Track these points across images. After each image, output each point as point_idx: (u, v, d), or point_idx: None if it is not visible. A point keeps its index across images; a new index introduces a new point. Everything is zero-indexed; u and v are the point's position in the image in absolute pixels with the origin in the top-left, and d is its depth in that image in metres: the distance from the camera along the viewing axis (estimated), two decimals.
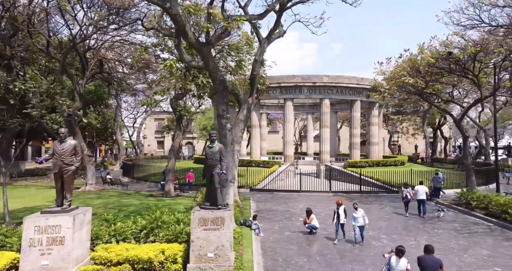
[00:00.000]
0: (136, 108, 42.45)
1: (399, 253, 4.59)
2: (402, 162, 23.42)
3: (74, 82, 17.16)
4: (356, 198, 14.28)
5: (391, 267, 4.59)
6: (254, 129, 23.97)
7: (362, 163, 21.53)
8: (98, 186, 16.12)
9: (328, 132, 23.25)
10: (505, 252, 7.20)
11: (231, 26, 7.43)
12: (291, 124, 23.36)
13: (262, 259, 6.47)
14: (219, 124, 8.01)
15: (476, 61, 11.41)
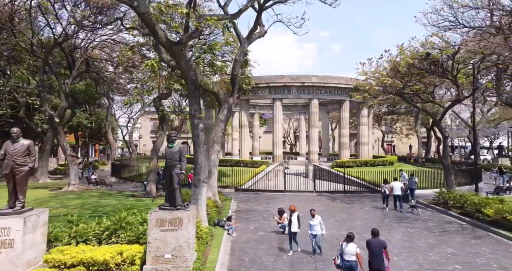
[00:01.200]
0: (130, 108, 42.25)
1: (348, 239, 5.20)
2: (391, 162, 23.57)
3: (59, 82, 17.03)
4: (338, 198, 14.39)
5: (343, 252, 5.14)
6: (243, 129, 23.97)
7: (350, 163, 21.65)
8: (82, 186, 16.01)
9: (317, 132, 23.36)
10: (470, 250, 7.31)
11: (202, 25, 7.40)
12: (280, 124, 23.41)
13: (228, 259, 6.49)
14: (191, 125, 8.01)
15: (455, 62, 11.54)
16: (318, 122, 23.61)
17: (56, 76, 17.80)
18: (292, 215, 7.11)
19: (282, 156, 23.32)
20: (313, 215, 7.09)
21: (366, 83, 12.91)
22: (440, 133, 13.67)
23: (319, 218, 7.01)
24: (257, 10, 10.88)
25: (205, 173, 8.17)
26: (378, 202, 13.13)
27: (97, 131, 40.25)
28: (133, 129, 45.50)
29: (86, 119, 31.36)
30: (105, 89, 23.42)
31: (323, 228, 6.95)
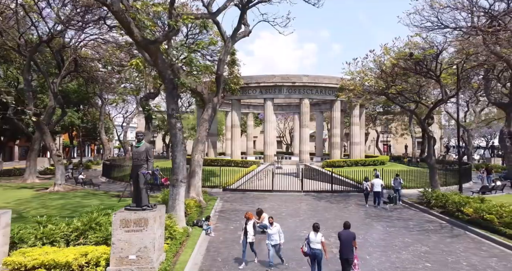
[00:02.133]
0: (125, 108, 42.07)
1: (315, 229, 5.67)
2: (382, 162, 23.66)
3: (48, 81, 16.89)
4: (325, 198, 14.43)
5: (310, 241, 5.60)
6: (234, 129, 23.94)
7: (340, 163, 21.72)
8: (69, 186, 15.92)
9: (308, 132, 23.39)
10: (444, 248, 7.37)
11: (178, 24, 7.37)
12: (271, 124, 23.41)
13: (201, 259, 6.49)
14: (169, 124, 7.99)
15: (438, 62, 11.60)
16: (309, 122, 23.62)
17: (44, 75, 17.65)
18: (247, 223, 6.37)
19: (273, 156, 23.33)
20: (272, 222, 6.42)
21: (350, 83, 12.96)
22: (426, 133, 13.73)
23: (278, 226, 6.39)
24: (241, 9, 10.87)
25: (184, 173, 8.15)
26: (363, 201, 13.21)
27: (92, 131, 40.04)
28: (127, 129, 45.33)
29: (79, 119, 31.16)
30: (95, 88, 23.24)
31: (282, 237, 6.32)
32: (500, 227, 8.05)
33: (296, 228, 9.03)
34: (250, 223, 6.40)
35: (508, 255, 6.99)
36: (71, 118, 29.90)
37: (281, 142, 51.59)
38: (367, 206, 12.06)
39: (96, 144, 52.42)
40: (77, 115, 30.76)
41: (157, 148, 55.50)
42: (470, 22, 9.73)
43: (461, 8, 9.39)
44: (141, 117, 58.52)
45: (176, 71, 10.56)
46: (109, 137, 47.54)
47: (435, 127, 42.82)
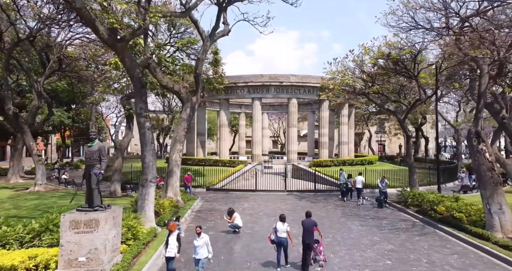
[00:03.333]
0: (118, 107, 41.85)
1: (282, 220, 6.29)
2: (371, 161, 23.77)
3: (31, 80, 16.70)
4: (307, 197, 14.46)
5: (277, 230, 6.16)
6: (222, 129, 23.88)
7: (327, 162, 21.78)
8: (51, 186, 15.77)
9: (296, 132, 23.41)
10: (410, 246, 7.42)
11: (146, 22, 7.31)
12: (259, 123, 23.38)
13: (163, 260, 6.42)
14: (137, 123, 7.93)
15: (415, 62, 11.66)
16: (303, 122, 23.66)
17: (27, 74, 17.44)
18: (170, 235, 5.43)
19: (261, 155, 23.31)
20: (199, 233, 5.52)
21: (330, 83, 12.98)
22: (404, 133, 13.82)
23: (206, 238, 5.53)
24: (218, 8, 10.83)
25: (153, 173, 8.10)
26: (343, 201, 13.27)
27: (86, 131, 39.66)
28: (119, 129, 45.02)
29: (69, 119, 30.87)
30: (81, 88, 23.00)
31: (210, 250, 5.52)
32: (467, 225, 8.12)
33: (270, 228, 9.00)
34: (173, 235, 5.42)
35: (469, 252, 7.06)
36: (61, 118, 29.59)
37: (276, 142, 51.64)
38: (345, 200, 13.27)
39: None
40: (67, 115, 30.45)
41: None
42: (443, 23, 9.78)
43: (434, 9, 9.44)
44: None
45: (153, 70, 10.53)
46: (103, 136, 47.24)
47: (428, 127, 43.17)
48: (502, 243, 6.84)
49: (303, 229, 6.11)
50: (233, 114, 40.20)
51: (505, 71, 14.69)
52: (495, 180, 7.68)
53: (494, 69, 10.68)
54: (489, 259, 6.64)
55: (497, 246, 6.87)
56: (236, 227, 8.43)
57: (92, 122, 34.88)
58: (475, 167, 8.14)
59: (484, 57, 8.32)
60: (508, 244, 6.72)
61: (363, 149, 49.54)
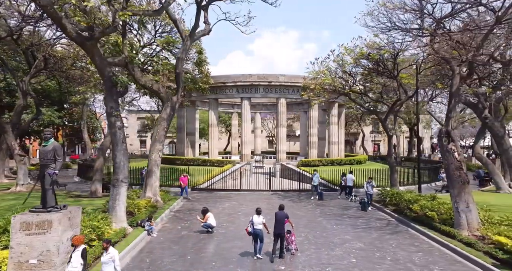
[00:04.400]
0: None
1: (258, 213, 6.80)
2: (360, 161, 23.89)
3: (16, 79, 16.52)
4: (290, 196, 14.51)
5: (253, 222, 6.69)
6: (211, 129, 23.85)
7: (316, 162, 21.86)
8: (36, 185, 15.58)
9: (285, 132, 23.48)
10: (379, 245, 7.49)
11: (117, 21, 7.27)
12: (248, 123, 23.40)
13: (127, 261, 6.41)
14: (108, 123, 7.88)
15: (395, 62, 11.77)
16: (286, 122, 23.70)
17: (11, 73, 17.24)
18: (74, 251, 4.62)
19: (250, 155, 23.34)
20: (106, 248, 4.79)
21: (311, 83, 13.05)
22: (386, 132, 13.94)
23: (114, 253, 4.84)
24: (197, 7, 10.81)
25: (125, 173, 8.07)
26: (324, 200, 13.34)
27: (80, 131, 39.38)
28: None
29: (59, 118, 30.60)
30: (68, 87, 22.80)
31: (118, 268, 4.81)
32: (437, 223, 8.22)
33: (244, 227, 9.01)
34: (77, 251, 4.61)
35: (435, 250, 7.16)
36: (51, 117, 29.31)
37: (272, 141, 51.65)
38: (339, 197, 13.89)
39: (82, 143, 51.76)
40: (57, 115, 30.18)
41: (147, 147, 55.02)
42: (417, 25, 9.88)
43: (409, 11, 9.52)
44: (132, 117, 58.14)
45: (131, 69, 10.48)
46: (96, 136, 46.86)
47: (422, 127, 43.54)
48: (466, 241, 6.94)
49: (275, 220, 6.68)
50: (228, 114, 40.20)
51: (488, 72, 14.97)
52: (462, 179, 7.78)
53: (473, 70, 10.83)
54: (452, 256, 6.73)
55: (461, 244, 6.97)
56: (209, 226, 8.43)
57: (84, 122, 34.68)
58: (445, 166, 8.24)
59: (454, 58, 8.42)
60: (471, 242, 6.82)
61: (359, 149, 49.83)
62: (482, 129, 16.54)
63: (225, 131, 45.93)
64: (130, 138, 57.68)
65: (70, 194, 13.97)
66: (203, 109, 30.64)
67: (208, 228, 8.43)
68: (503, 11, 7.39)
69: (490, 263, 5.90)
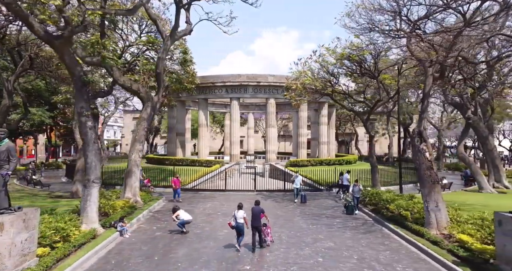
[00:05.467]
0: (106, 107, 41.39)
1: (239, 208, 7.38)
2: (349, 161, 23.98)
3: (1, 78, 16.34)
4: (274, 197, 14.53)
5: (236, 217, 7.24)
6: (200, 129, 23.82)
7: (304, 162, 21.92)
8: (19, 186, 15.50)
9: (274, 132, 23.52)
10: (349, 244, 7.53)
11: (87, 19, 7.23)
12: (237, 123, 23.40)
13: (93, 262, 6.34)
14: (79, 122, 7.84)
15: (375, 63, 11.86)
16: (275, 122, 23.76)
17: None
18: None
19: (239, 155, 23.34)
20: None
21: (293, 83, 13.11)
22: (368, 133, 14.04)
23: None
24: (176, 7, 10.80)
25: (96, 173, 8.02)
26: (307, 200, 13.36)
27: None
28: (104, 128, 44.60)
29: (50, 118, 30.35)
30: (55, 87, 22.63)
31: None
32: (409, 223, 8.29)
33: (220, 227, 9.04)
34: None
35: (403, 248, 7.22)
36: (41, 117, 29.06)
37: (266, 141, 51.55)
38: (336, 196, 14.10)
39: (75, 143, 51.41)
40: (48, 114, 29.93)
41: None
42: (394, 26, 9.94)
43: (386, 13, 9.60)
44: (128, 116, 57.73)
45: (109, 68, 10.44)
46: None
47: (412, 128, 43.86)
48: (433, 239, 7.01)
49: (251, 214, 7.29)
50: (222, 114, 40.13)
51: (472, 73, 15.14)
52: (433, 179, 7.86)
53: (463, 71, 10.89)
54: (418, 255, 6.79)
55: (428, 242, 7.03)
56: (184, 223, 8.38)
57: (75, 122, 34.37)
58: (416, 165, 8.32)
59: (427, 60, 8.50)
60: (437, 240, 6.88)
61: (354, 149, 50.09)
62: (465, 130, 16.71)
63: (220, 131, 45.89)
64: (125, 138, 57.36)
65: (52, 194, 13.88)
66: (195, 109, 30.61)
67: (183, 227, 8.39)
68: (470, 15, 7.50)
69: (450, 261, 5.97)
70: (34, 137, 38.20)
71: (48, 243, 5.98)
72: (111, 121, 54.22)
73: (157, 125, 46.40)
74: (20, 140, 38.26)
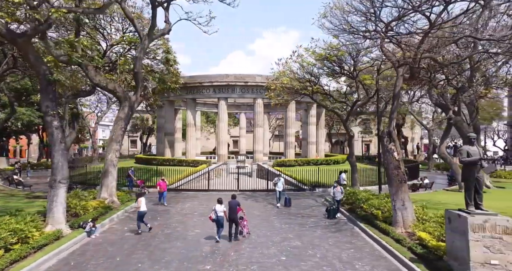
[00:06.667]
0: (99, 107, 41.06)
1: (219, 202, 7.80)
2: (337, 161, 24.07)
3: None
4: (256, 196, 14.57)
5: (215, 211, 7.67)
6: (188, 129, 23.73)
7: (291, 162, 21.96)
8: (1, 186, 15.28)
9: (262, 132, 23.54)
10: (317, 243, 7.56)
11: (52, 17, 7.15)
12: (225, 123, 23.38)
13: (51, 264, 6.26)
14: (44, 122, 7.76)
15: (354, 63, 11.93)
16: (263, 122, 23.79)
17: None
18: None
19: (227, 155, 23.31)
20: None
21: (272, 83, 13.13)
22: (347, 132, 14.12)
23: None
24: (152, 6, 10.77)
25: (63, 173, 7.95)
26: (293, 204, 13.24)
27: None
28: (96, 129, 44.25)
29: (40, 118, 30.02)
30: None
31: None
32: (379, 221, 8.35)
33: (192, 227, 9.02)
34: None
35: (367, 247, 7.28)
36: (30, 117, 28.74)
37: None
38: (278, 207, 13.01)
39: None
40: (37, 114, 29.59)
41: (137, 147, 54.60)
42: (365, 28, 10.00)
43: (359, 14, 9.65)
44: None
45: (84, 67, 10.36)
46: (85, 136, 46.15)
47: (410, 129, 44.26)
48: (397, 237, 7.07)
49: (229, 207, 7.81)
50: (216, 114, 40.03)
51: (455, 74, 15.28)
52: (400, 178, 7.93)
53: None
54: (380, 252, 6.86)
55: (392, 240, 7.10)
56: (142, 214, 8.30)
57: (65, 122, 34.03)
58: (385, 165, 8.38)
59: (396, 61, 8.58)
60: (400, 238, 6.95)
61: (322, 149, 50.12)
62: (447, 130, 16.88)
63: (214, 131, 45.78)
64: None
65: (30, 195, 13.74)
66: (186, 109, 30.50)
67: (142, 223, 8.31)
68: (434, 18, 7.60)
69: (408, 258, 6.03)
70: (27, 137, 37.79)
71: (2, 245, 5.89)
72: (107, 121, 53.81)
73: (151, 125, 46.28)
74: (13, 140, 37.84)
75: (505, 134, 44.38)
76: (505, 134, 44.26)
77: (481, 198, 5.11)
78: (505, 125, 42.36)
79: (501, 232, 4.56)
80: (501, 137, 44.01)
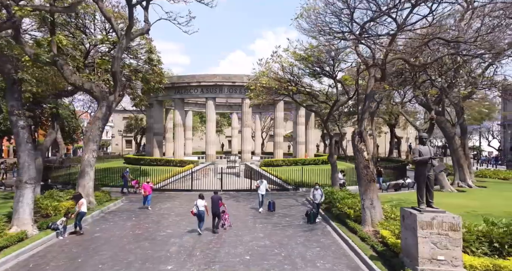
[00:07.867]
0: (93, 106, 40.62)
1: (201, 197, 8.37)
2: (325, 161, 24.13)
3: None
4: (239, 196, 14.55)
5: (197, 206, 8.18)
6: (176, 129, 23.65)
7: (279, 162, 21.99)
8: None
9: (250, 131, 23.55)
10: (285, 242, 7.58)
11: (16, 16, 7.07)
12: (213, 123, 23.35)
13: (9, 266, 6.15)
14: (10, 122, 7.66)
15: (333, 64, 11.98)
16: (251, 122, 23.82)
17: None
18: None
19: (215, 155, 23.26)
20: None
21: (252, 83, 13.15)
22: (327, 133, 14.18)
23: None
24: (128, 6, 10.71)
25: (30, 174, 7.86)
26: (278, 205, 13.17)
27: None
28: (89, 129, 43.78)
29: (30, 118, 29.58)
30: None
31: None
32: (350, 220, 8.40)
33: (164, 228, 8.97)
34: None
35: (334, 245, 7.32)
36: None
37: None
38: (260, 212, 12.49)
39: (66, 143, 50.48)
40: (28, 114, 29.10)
41: (132, 147, 54.14)
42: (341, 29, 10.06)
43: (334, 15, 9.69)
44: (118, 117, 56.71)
45: (59, 67, 10.26)
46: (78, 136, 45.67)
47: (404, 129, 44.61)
48: (363, 236, 7.12)
49: (211, 202, 8.38)
50: None
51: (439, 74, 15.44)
52: (369, 177, 7.99)
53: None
54: (345, 251, 6.90)
55: (358, 239, 7.15)
56: (83, 215, 8.22)
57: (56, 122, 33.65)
58: (355, 164, 8.43)
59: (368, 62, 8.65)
60: (365, 236, 7.00)
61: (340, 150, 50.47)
62: (429, 130, 17.03)
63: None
64: (115, 138, 56.54)
65: (8, 195, 13.54)
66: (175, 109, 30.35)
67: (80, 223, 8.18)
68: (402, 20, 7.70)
69: (368, 256, 6.07)
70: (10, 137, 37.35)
71: None
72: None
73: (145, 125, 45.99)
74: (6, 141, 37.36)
75: (499, 135, 44.90)
76: (499, 134, 44.80)
77: (432, 196, 5.17)
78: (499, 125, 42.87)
79: (447, 228, 4.62)
80: (495, 137, 44.41)
